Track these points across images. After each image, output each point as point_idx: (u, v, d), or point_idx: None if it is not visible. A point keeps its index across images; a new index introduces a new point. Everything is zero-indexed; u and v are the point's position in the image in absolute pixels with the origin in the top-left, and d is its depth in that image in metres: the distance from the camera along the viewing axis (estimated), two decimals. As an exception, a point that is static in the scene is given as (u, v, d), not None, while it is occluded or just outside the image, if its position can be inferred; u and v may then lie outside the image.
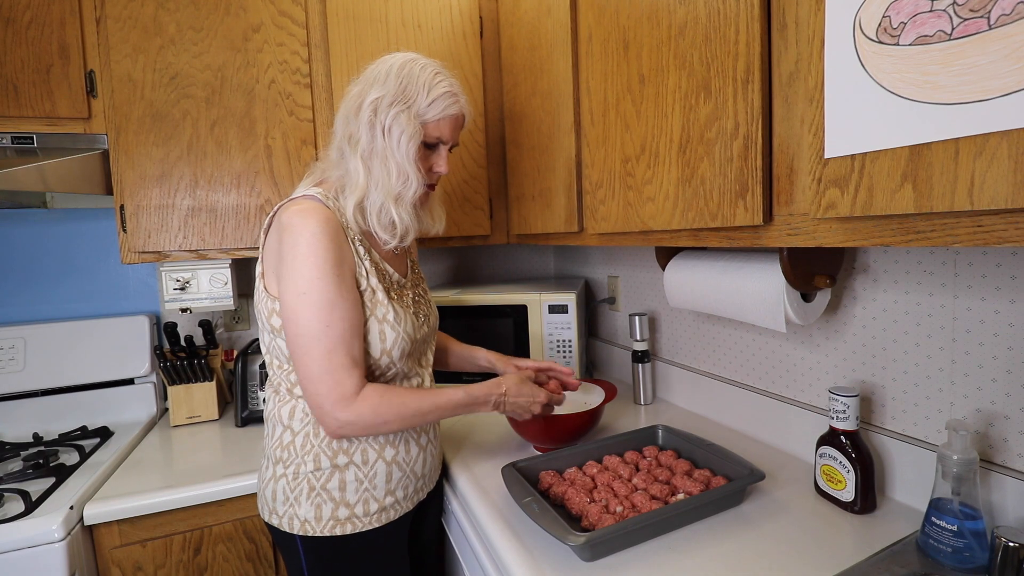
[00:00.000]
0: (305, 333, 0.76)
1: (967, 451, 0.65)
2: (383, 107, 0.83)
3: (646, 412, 1.30)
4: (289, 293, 0.77)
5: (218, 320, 1.61)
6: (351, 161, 0.85)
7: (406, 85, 0.84)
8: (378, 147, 0.84)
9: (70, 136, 1.20)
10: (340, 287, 0.78)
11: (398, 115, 0.83)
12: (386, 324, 0.84)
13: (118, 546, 1.03)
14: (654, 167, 0.82)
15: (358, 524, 0.85)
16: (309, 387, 0.77)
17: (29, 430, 1.36)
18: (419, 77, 0.85)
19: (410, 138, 0.84)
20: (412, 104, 0.84)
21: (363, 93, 0.85)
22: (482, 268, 1.96)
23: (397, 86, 0.84)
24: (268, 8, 1.27)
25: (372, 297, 0.83)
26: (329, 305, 0.76)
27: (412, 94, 0.84)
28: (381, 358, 0.84)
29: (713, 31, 0.68)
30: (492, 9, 1.47)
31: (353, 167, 0.84)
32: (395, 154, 0.84)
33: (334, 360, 0.76)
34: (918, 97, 0.44)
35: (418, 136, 0.85)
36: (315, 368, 0.76)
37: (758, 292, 0.86)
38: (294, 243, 0.76)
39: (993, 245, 0.43)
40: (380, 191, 0.84)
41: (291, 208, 0.79)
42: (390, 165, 0.84)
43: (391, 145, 0.84)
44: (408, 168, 0.84)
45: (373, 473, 0.85)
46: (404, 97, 0.84)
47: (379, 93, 0.83)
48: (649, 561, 0.71)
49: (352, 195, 0.84)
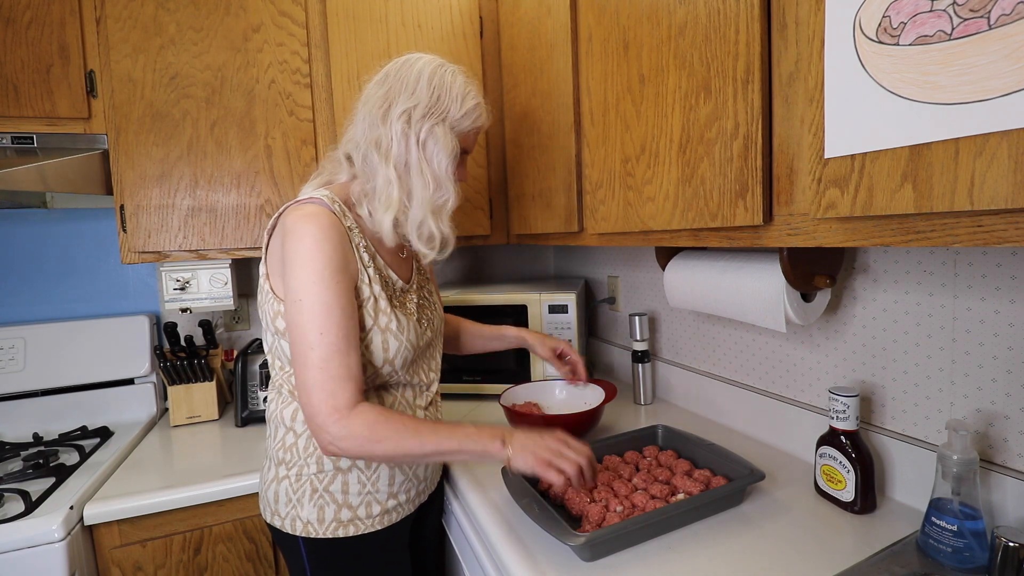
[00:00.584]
0: (301, 340, 0.74)
1: (967, 451, 0.65)
2: (417, 118, 0.81)
3: (646, 412, 1.30)
4: (288, 298, 0.76)
5: (218, 320, 1.61)
6: (381, 170, 0.81)
7: (439, 95, 0.82)
8: (413, 159, 0.81)
9: (70, 136, 1.20)
10: (338, 294, 0.75)
11: (433, 128, 0.81)
12: (389, 334, 0.82)
13: (118, 546, 1.03)
14: (654, 167, 0.82)
15: (360, 526, 0.85)
16: (303, 398, 0.74)
17: (29, 430, 1.36)
18: (452, 87, 0.83)
19: (449, 152, 0.82)
20: (447, 116, 0.83)
21: (390, 98, 0.82)
22: (482, 268, 1.96)
23: (430, 96, 0.82)
24: (268, 8, 1.27)
25: (375, 306, 0.81)
26: (324, 312, 0.73)
27: (446, 105, 0.82)
28: (383, 367, 0.83)
29: (713, 31, 0.68)
30: (492, 9, 1.47)
31: (383, 177, 0.81)
32: (432, 167, 0.82)
33: (328, 370, 0.73)
34: (918, 97, 0.44)
35: (457, 149, 0.84)
36: (309, 378, 0.73)
37: (758, 292, 0.86)
38: (294, 248, 0.75)
39: (993, 245, 0.43)
40: (419, 205, 0.81)
41: (295, 212, 0.78)
42: (427, 178, 0.81)
43: (427, 157, 0.82)
44: (446, 181, 0.83)
45: (376, 476, 0.85)
46: (439, 109, 0.82)
47: (411, 102, 0.81)
48: (649, 561, 0.71)
49: (388, 210, 0.81)
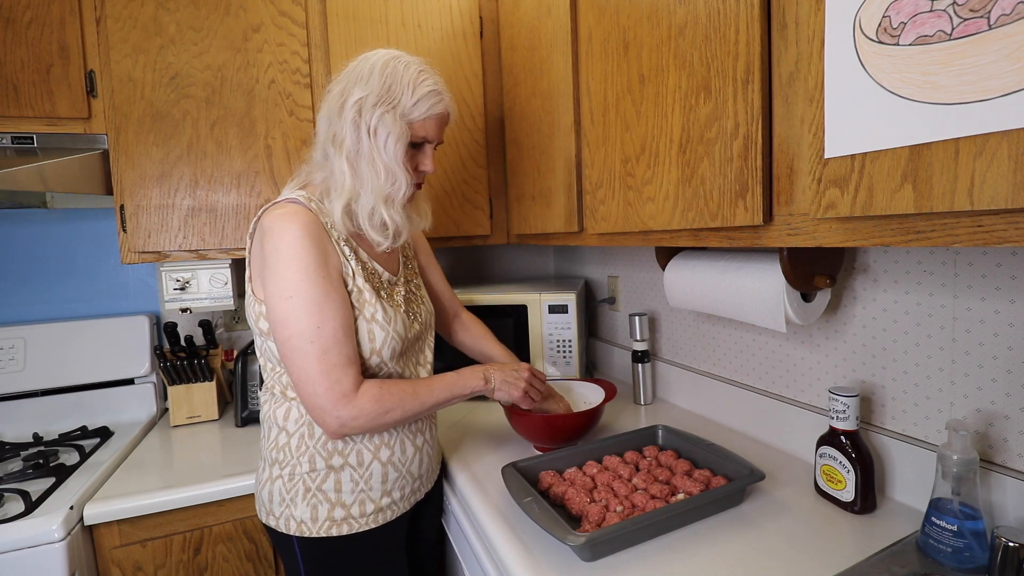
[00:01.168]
0: (297, 335, 0.75)
1: (967, 451, 0.65)
2: (367, 107, 0.82)
3: (646, 412, 1.30)
4: (275, 297, 0.76)
5: (218, 320, 1.61)
6: (336, 162, 0.83)
7: (390, 84, 0.83)
8: (364, 148, 0.83)
9: (70, 136, 1.20)
10: (327, 287, 0.77)
11: (383, 115, 0.82)
12: (375, 324, 0.83)
13: (118, 546, 1.03)
14: (654, 167, 0.82)
15: (354, 525, 0.85)
16: (306, 388, 0.76)
17: (29, 430, 1.36)
18: (403, 76, 0.83)
19: (397, 139, 0.83)
20: (397, 104, 0.83)
21: (345, 92, 0.83)
22: (482, 268, 1.96)
23: (381, 85, 0.82)
24: (268, 8, 1.27)
25: (359, 297, 0.83)
26: (318, 306, 0.76)
27: (397, 93, 0.83)
28: (371, 358, 0.83)
29: (713, 31, 0.68)
30: (492, 9, 1.47)
31: (338, 168, 0.83)
32: (382, 155, 0.83)
33: (329, 360, 0.76)
34: (918, 97, 0.44)
35: (405, 137, 0.84)
36: (310, 369, 0.75)
37: (758, 292, 0.86)
38: (275, 247, 0.76)
39: (993, 245, 0.43)
40: (369, 193, 0.83)
41: (272, 212, 0.79)
42: (378, 166, 0.83)
43: (377, 146, 0.83)
44: (396, 169, 0.84)
45: (368, 474, 0.85)
46: (389, 97, 0.82)
47: (363, 93, 0.82)
48: (649, 561, 0.71)
49: (340, 198, 0.82)
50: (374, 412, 0.78)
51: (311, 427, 0.84)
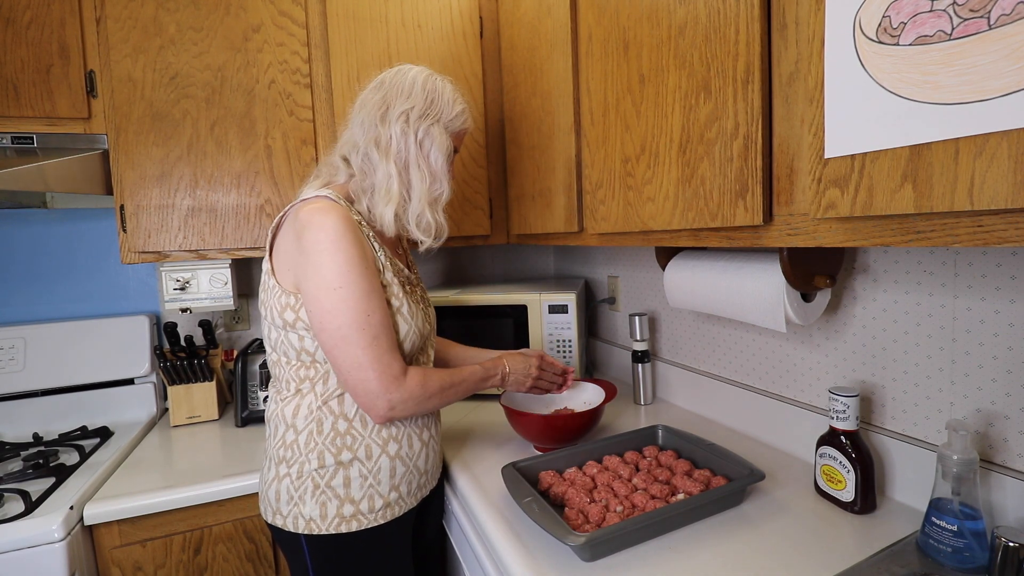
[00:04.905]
0: (347, 323, 0.78)
1: (967, 451, 0.65)
2: (414, 118, 0.89)
3: (646, 412, 1.30)
4: (321, 288, 0.78)
5: (218, 320, 1.61)
6: (381, 167, 0.88)
7: (433, 99, 0.91)
8: (412, 155, 0.89)
9: (70, 136, 1.20)
10: (371, 278, 0.81)
11: (430, 127, 0.90)
12: (400, 316, 0.86)
13: (118, 546, 1.03)
14: (654, 167, 0.82)
15: (363, 521, 0.85)
16: (358, 375, 0.79)
17: (29, 430, 1.36)
18: (443, 93, 0.92)
19: (444, 148, 0.91)
20: (441, 117, 0.91)
21: (388, 101, 0.89)
22: (482, 268, 1.96)
23: (424, 99, 0.90)
24: (268, 8, 1.27)
25: (388, 290, 0.86)
26: (366, 296, 0.79)
27: (439, 108, 0.91)
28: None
29: (713, 31, 0.68)
30: (492, 9, 1.47)
31: (384, 173, 0.88)
32: (430, 163, 0.90)
33: (380, 346, 0.80)
34: (918, 97, 0.44)
35: (451, 147, 0.93)
36: (363, 357, 0.78)
37: (758, 292, 0.86)
38: (316, 239, 0.78)
39: (993, 245, 0.43)
40: (418, 198, 0.89)
41: (309, 206, 0.81)
42: (424, 172, 0.90)
43: (425, 154, 0.90)
44: (442, 176, 0.92)
45: (377, 468, 0.86)
46: (433, 111, 0.91)
47: (408, 104, 0.89)
48: (649, 561, 0.71)
49: (388, 203, 0.87)
50: (421, 395, 0.84)
51: (319, 424, 0.84)
